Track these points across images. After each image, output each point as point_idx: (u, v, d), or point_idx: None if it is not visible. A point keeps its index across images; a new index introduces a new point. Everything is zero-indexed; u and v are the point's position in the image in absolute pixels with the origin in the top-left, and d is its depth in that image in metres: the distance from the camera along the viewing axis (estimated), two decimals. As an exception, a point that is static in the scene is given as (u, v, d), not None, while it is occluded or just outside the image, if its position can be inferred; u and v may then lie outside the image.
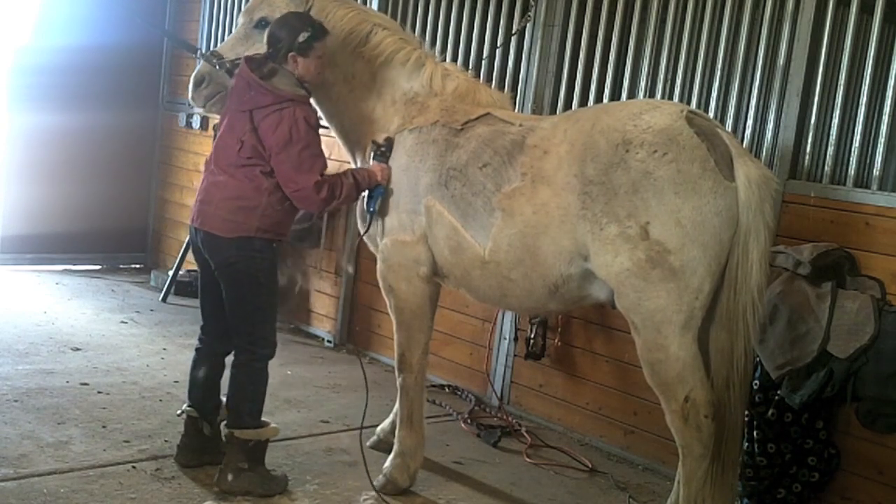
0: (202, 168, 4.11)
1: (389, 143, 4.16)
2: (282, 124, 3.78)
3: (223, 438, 4.06)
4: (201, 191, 3.99)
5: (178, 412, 4.26)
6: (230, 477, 3.90)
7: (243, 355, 3.98)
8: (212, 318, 4.11)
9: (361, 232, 4.28)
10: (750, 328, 3.48)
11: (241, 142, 3.84)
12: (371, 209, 4.14)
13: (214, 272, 3.97)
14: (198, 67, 4.31)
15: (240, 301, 3.93)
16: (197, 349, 4.21)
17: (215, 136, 4.06)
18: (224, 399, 4.09)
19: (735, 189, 3.43)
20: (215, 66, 4.19)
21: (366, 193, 4.13)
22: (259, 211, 3.85)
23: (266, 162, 3.84)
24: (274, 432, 4.06)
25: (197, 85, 4.26)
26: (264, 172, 3.85)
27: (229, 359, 4.10)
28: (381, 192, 4.11)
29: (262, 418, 4.02)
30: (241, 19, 4.33)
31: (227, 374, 4.10)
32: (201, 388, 4.15)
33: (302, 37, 3.87)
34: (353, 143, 4.38)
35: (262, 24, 4.17)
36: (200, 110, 5.01)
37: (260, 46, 4.09)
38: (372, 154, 4.18)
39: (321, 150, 3.92)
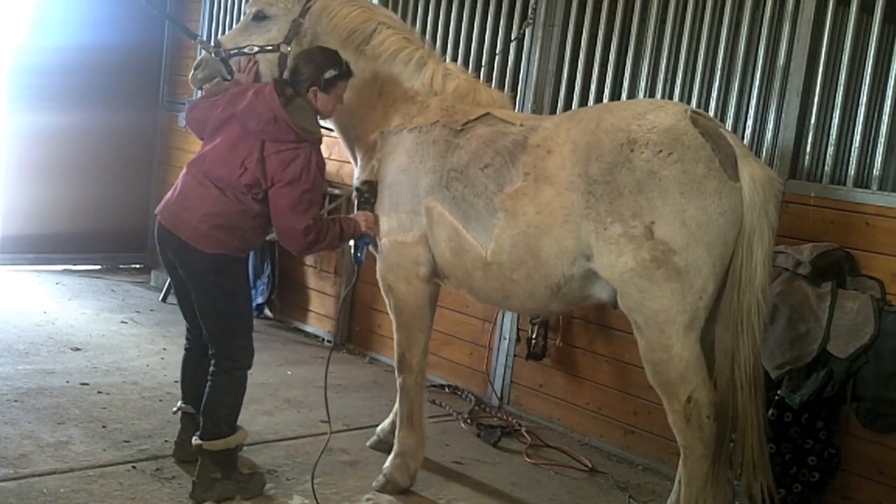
0: (186, 163, 4.03)
1: (372, 187, 4.14)
2: (295, 162, 3.74)
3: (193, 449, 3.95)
4: (183, 192, 3.90)
5: (174, 409, 4.28)
6: (204, 489, 3.84)
7: (226, 363, 3.90)
8: (194, 319, 4.07)
9: (347, 286, 4.39)
10: (755, 328, 3.48)
11: (244, 167, 3.77)
12: (358, 259, 4.21)
13: (181, 274, 3.96)
14: (202, 54, 4.40)
15: (215, 311, 3.88)
16: (186, 349, 4.22)
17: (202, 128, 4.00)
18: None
19: (739, 189, 3.43)
20: (211, 54, 4.25)
21: (352, 243, 4.17)
22: (240, 233, 3.83)
23: (262, 190, 3.79)
24: (243, 437, 3.98)
25: (194, 69, 4.33)
26: (256, 198, 3.80)
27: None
28: (366, 242, 4.17)
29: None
30: (246, 10, 4.40)
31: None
32: (194, 385, 4.15)
33: (328, 74, 3.87)
34: (353, 139, 4.38)
35: (258, 16, 4.22)
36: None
37: (256, 38, 4.17)
38: (356, 201, 4.19)
39: (321, 196, 3.91)
